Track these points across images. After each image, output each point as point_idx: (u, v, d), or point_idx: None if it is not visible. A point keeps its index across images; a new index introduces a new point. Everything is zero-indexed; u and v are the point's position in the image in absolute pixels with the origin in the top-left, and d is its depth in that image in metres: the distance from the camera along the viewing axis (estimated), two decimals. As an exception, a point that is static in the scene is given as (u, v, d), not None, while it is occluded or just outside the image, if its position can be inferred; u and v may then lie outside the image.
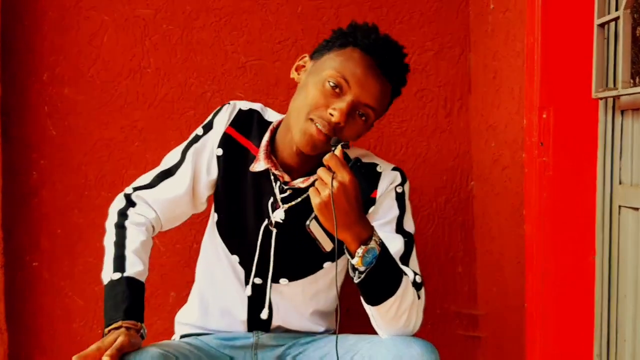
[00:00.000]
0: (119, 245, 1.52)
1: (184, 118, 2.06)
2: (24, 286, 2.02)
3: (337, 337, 1.44)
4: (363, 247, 1.32)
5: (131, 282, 1.46)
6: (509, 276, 1.95)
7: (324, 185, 1.30)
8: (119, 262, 1.49)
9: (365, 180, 1.40)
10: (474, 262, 2.20)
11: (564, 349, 1.66)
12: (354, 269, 1.36)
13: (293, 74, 1.56)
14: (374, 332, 1.51)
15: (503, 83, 1.94)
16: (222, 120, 1.59)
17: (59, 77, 2.01)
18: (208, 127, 1.61)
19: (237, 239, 1.62)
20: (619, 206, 1.51)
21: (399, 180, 1.59)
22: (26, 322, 2.02)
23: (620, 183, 1.52)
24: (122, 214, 1.57)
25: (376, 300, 1.39)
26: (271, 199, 1.56)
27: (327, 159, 1.32)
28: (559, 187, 1.64)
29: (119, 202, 1.61)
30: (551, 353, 1.67)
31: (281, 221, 1.56)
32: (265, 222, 1.57)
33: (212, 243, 1.66)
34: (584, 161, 1.61)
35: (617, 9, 1.46)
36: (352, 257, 1.34)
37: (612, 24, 1.49)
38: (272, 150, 1.56)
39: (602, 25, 1.50)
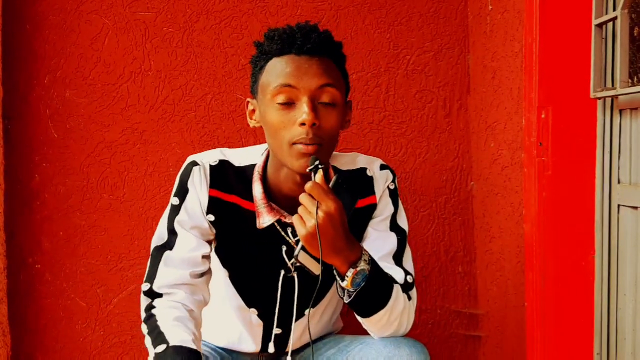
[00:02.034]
0: (153, 328, 1.37)
1: (185, 120, 2.07)
2: (27, 288, 2.02)
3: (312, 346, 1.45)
4: (352, 269, 1.31)
5: (178, 350, 1.30)
6: (509, 275, 1.95)
7: (309, 215, 1.27)
8: (160, 337, 1.34)
9: (352, 192, 1.36)
10: (474, 262, 2.21)
11: (564, 348, 1.66)
12: (343, 289, 1.35)
13: (251, 122, 1.46)
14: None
15: (502, 83, 1.95)
16: (199, 183, 1.46)
17: (60, 80, 2.02)
18: (182, 192, 1.47)
19: (254, 292, 1.56)
20: (618, 205, 1.52)
21: (390, 177, 1.57)
22: (29, 323, 2.03)
23: (618, 182, 1.52)
24: (149, 308, 1.42)
25: (367, 313, 1.39)
26: (284, 248, 1.49)
27: (308, 187, 1.28)
28: (558, 186, 1.65)
29: (142, 301, 1.45)
30: (552, 352, 1.68)
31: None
32: (282, 272, 1.51)
33: (225, 295, 1.57)
34: (583, 160, 1.62)
35: (614, 9, 1.47)
36: (342, 279, 1.33)
37: (610, 24, 1.50)
38: (269, 197, 1.48)
39: (600, 25, 1.51)
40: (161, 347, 1.31)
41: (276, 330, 1.58)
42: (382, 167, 1.57)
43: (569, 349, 1.66)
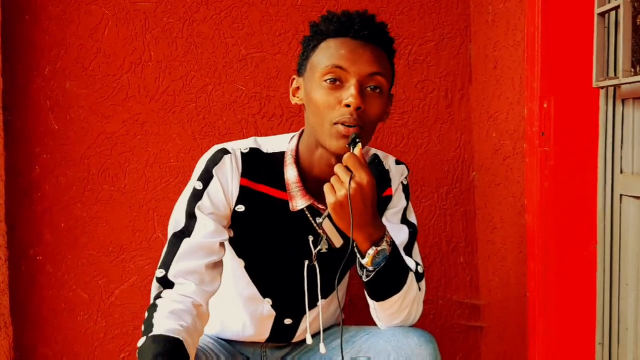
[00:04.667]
0: (148, 318, 1.36)
1: (186, 111, 2.06)
2: (28, 280, 2.02)
3: (342, 328, 1.45)
4: (374, 247, 1.32)
5: (157, 338, 1.29)
6: (510, 266, 1.95)
7: (341, 184, 1.27)
8: (147, 329, 1.32)
9: (379, 179, 1.39)
10: (475, 252, 2.20)
11: (566, 338, 1.66)
12: (362, 267, 1.36)
13: (293, 99, 1.48)
14: (375, 323, 1.52)
15: (504, 73, 1.94)
16: (230, 173, 1.44)
17: (60, 71, 2.01)
18: (207, 178, 1.44)
19: (272, 282, 1.56)
20: (620, 195, 1.51)
21: (405, 173, 1.60)
22: (30, 315, 2.03)
23: (621, 172, 1.51)
24: (157, 297, 1.40)
25: (381, 296, 1.40)
26: (311, 238, 1.50)
27: (346, 158, 1.29)
28: (560, 176, 1.64)
29: (153, 288, 1.43)
30: (553, 342, 1.68)
31: (326, 251, 1.50)
32: (307, 262, 1.51)
33: (235, 285, 1.58)
34: (585, 150, 1.61)
35: (617, -2, 1.46)
36: (363, 256, 1.34)
37: (613, 13, 1.49)
38: (302, 180, 1.48)
39: (602, 14, 1.50)
40: (142, 340, 1.30)
41: (287, 321, 1.58)
42: (398, 162, 1.60)
43: (571, 339, 1.66)
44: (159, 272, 1.41)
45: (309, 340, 1.54)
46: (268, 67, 2.09)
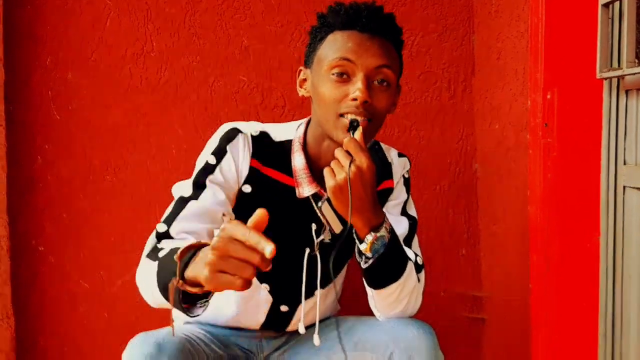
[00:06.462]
0: (152, 255, 1.34)
1: (188, 102, 2.06)
2: (30, 271, 2.03)
3: (337, 320, 1.44)
4: (373, 233, 1.31)
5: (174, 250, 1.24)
6: (513, 258, 1.95)
7: (340, 168, 1.27)
8: (154, 255, 1.32)
9: (380, 167, 1.38)
10: (478, 244, 2.20)
11: (568, 330, 1.66)
12: (361, 254, 1.35)
13: (300, 91, 1.48)
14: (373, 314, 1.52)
15: (507, 64, 1.93)
16: (242, 152, 1.45)
17: (62, 62, 2.01)
18: (220, 154, 1.44)
19: (271, 268, 1.56)
20: (624, 186, 1.51)
21: (408, 166, 1.61)
22: (32, 306, 2.03)
23: (624, 163, 1.51)
24: (154, 250, 1.38)
25: (379, 284, 1.39)
26: (314, 226, 1.50)
27: (346, 142, 1.29)
28: (563, 168, 1.64)
29: (149, 242, 1.42)
30: (556, 334, 1.68)
31: (329, 241, 1.51)
32: (308, 250, 1.50)
33: None
34: (589, 142, 1.61)
35: (621, -12, 1.45)
36: (361, 242, 1.33)
37: (617, 4, 1.48)
38: (310, 168, 1.48)
39: (606, 5, 1.49)
40: (153, 264, 1.30)
41: (283, 308, 1.58)
42: (400, 155, 1.60)
43: (574, 331, 1.66)
44: (161, 227, 1.39)
45: (302, 330, 1.53)
46: (270, 59, 2.08)
